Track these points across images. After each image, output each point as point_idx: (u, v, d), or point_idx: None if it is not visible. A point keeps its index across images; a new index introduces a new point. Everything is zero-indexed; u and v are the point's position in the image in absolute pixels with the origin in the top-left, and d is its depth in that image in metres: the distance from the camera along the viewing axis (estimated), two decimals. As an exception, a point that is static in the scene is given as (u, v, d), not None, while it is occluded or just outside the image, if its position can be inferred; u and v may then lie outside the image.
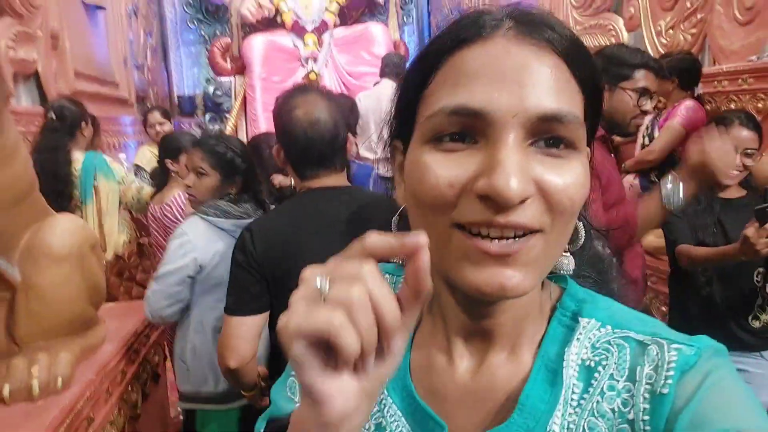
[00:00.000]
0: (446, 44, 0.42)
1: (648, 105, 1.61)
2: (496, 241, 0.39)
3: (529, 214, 0.39)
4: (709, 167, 1.34)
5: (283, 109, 1.28)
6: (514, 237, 0.39)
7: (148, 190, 2.53)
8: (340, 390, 0.33)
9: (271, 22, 5.69)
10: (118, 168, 2.51)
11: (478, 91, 0.39)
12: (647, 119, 2.55)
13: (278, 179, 1.98)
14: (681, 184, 1.41)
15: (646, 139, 2.63)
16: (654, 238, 2.15)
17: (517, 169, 0.38)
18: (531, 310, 0.47)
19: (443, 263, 0.42)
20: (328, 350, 0.32)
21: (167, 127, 3.33)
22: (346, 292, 0.31)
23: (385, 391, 0.49)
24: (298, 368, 0.33)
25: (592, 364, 0.44)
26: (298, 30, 5.61)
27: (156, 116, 3.34)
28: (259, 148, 2.03)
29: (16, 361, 1.17)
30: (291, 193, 1.73)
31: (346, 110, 1.66)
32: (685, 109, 2.50)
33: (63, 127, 2.35)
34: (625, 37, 3.37)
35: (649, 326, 0.45)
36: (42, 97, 3.04)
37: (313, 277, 0.33)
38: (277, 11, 5.64)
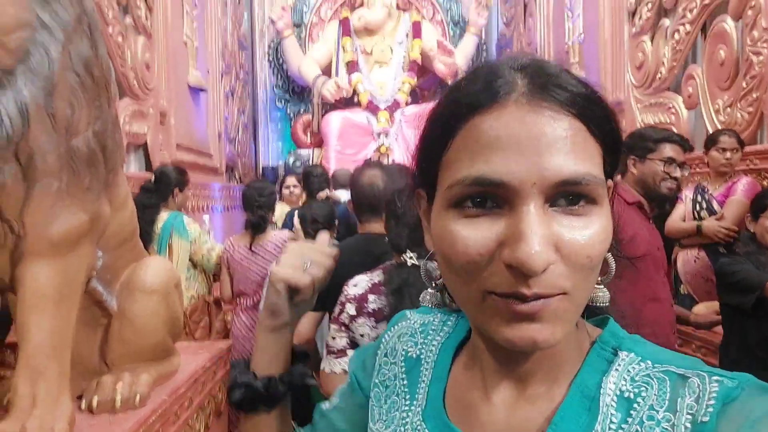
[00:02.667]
0: (462, 109, 0.43)
1: (677, 172, 1.87)
2: (525, 304, 0.41)
3: (551, 281, 0.40)
4: None
5: (354, 176, 1.96)
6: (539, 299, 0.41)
7: (218, 251, 2.84)
8: (288, 311, 0.61)
9: (348, 102, 6.22)
10: (194, 228, 2.81)
11: (496, 162, 0.40)
12: (689, 192, 2.64)
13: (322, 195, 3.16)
14: None
15: (704, 212, 2.65)
16: (703, 308, 2.14)
17: (539, 239, 0.39)
18: (567, 347, 0.48)
19: (478, 319, 0.45)
20: (292, 291, 0.60)
21: (298, 190, 4.12)
22: (317, 270, 0.61)
23: (423, 423, 0.52)
24: (275, 294, 0.60)
25: (632, 395, 0.44)
26: (373, 108, 6.09)
27: (292, 180, 4.20)
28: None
29: (104, 378, 1.38)
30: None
31: (397, 178, 1.99)
32: (746, 184, 2.56)
33: (157, 190, 2.73)
34: (684, 115, 3.43)
35: (689, 362, 0.45)
36: (147, 164, 3.52)
37: (298, 253, 0.62)
38: (355, 92, 6.17)
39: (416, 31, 6.39)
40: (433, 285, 0.54)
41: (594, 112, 0.43)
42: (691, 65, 3.45)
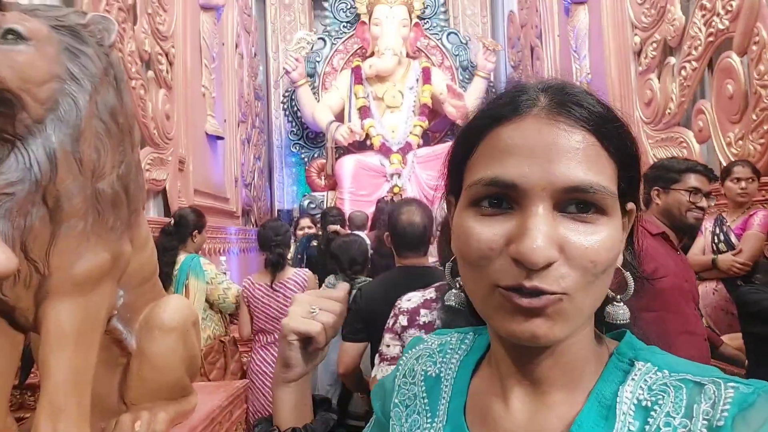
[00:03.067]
0: (486, 121, 0.47)
1: (703, 202, 1.85)
2: (527, 298, 0.43)
3: (552, 278, 0.42)
4: None
5: (394, 212, 2.03)
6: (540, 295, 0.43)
7: (234, 291, 2.87)
8: (302, 362, 0.62)
9: (361, 145, 6.35)
10: (210, 269, 2.85)
11: (510, 166, 0.44)
12: (709, 224, 2.62)
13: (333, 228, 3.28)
14: None
15: (722, 245, 2.62)
16: (731, 344, 2.10)
17: (542, 236, 0.42)
18: (584, 357, 0.49)
19: (486, 311, 0.47)
20: (305, 341, 0.61)
21: (312, 231, 4.28)
22: (327, 317, 0.61)
23: None
24: (287, 346, 0.61)
25: (649, 404, 0.45)
26: (385, 151, 6.20)
27: (306, 221, 4.34)
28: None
29: (123, 417, 1.39)
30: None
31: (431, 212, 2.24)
32: (763, 218, 2.54)
33: (177, 232, 2.79)
34: (696, 149, 3.45)
35: (706, 371, 0.46)
36: (166, 210, 3.61)
37: (305, 302, 0.62)
38: (367, 136, 6.30)
39: (426, 76, 6.57)
40: (457, 285, 0.56)
41: (609, 130, 0.45)
42: (699, 100, 3.49)
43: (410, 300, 1.64)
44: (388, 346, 1.64)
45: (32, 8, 1.24)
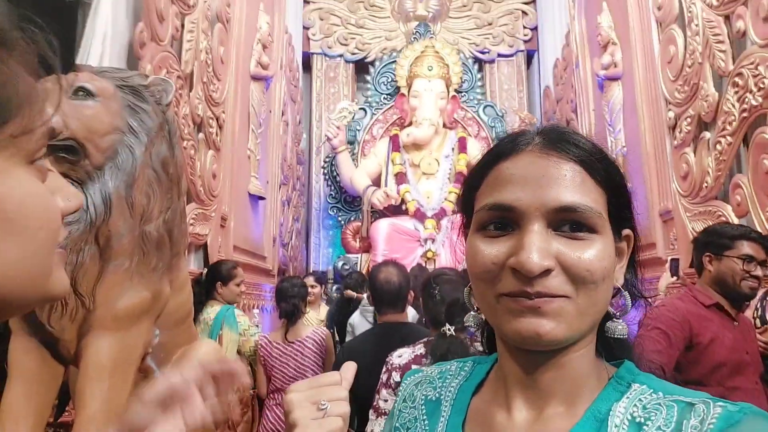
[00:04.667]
0: (491, 158, 0.56)
1: (758, 270, 1.77)
2: (530, 300, 0.48)
3: (553, 284, 0.48)
4: None
5: (373, 273, 2.25)
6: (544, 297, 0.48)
7: None
8: None
9: (396, 210, 6.46)
10: (244, 321, 2.91)
11: (508, 192, 0.51)
12: (756, 298, 2.50)
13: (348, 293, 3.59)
14: None
15: (758, 321, 2.51)
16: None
17: (536, 247, 0.48)
18: (586, 374, 0.53)
19: (494, 317, 0.52)
20: None
21: (317, 290, 4.29)
22: (341, 409, 0.53)
23: None
24: None
25: (642, 420, 0.48)
26: (420, 216, 6.29)
27: (310, 280, 4.30)
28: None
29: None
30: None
31: (410, 277, 2.44)
32: None
33: (205, 282, 2.89)
34: (735, 222, 3.38)
35: (699, 395, 0.49)
36: (206, 264, 3.74)
37: (306, 399, 0.53)
38: (403, 201, 6.43)
39: (462, 146, 6.74)
40: (475, 309, 0.60)
41: (596, 163, 0.52)
42: (736, 174, 3.47)
43: (401, 356, 1.72)
44: (386, 401, 1.69)
45: (102, 70, 1.40)
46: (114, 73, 1.38)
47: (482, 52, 7.89)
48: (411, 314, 3.07)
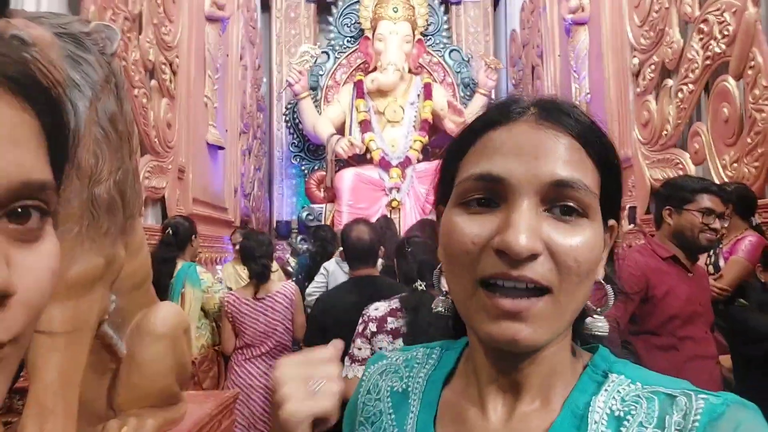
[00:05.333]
0: (480, 126, 0.50)
1: (716, 223, 1.80)
2: (510, 299, 0.43)
3: (538, 271, 0.43)
4: None
5: (345, 232, 2.38)
6: (526, 288, 0.44)
7: None
8: None
9: (361, 159, 6.38)
10: (207, 278, 2.87)
11: (498, 162, 0.46)
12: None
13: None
14: None
15: (710, 267, 2.62)
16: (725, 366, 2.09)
17: (526, 227, 0.43)
18: (561, 367, 0.50)
19: (467, 312, 0.48)
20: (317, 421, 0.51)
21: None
22: (333, 386, 0.51)
23: None
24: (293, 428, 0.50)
25: (621, 414, 0.46)
26: (385, 165, 6.24)
27: (237, 236, 3.89)
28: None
29: (110, 423, 1.39)
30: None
31: (380, 233, 2.63)
32: (749, 244, 2.53)
33: (175, 242, 2.81)
34: (692, 170, 3.47)
35: (678, 384, 0.47)
36: (164, 217, 3.62)
37: (296, 377, 0.50)
38: (367, 149, 6.34)
39: (427, 92, 6.62)
40: (444, 293, 0.55)
41: (594, 140, 0.48)
42: (696, 122, 3.52)
43: (377, 309, 1.83)
44: (360, 349, 1.81)
45: (38, 15, 1.26)
46: (52, 19, 1.24)
47: (448, -7, 7.65)
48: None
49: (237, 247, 3.76)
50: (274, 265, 3.54)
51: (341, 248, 2.62)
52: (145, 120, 3.32)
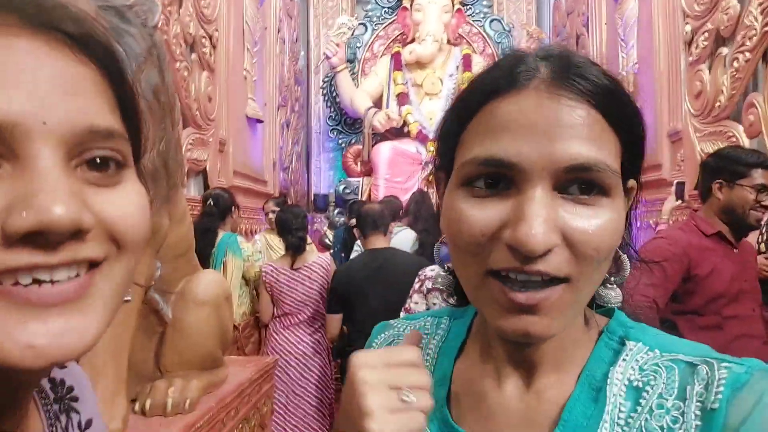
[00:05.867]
0: (482, 93, 0.44)
1: None
2: (523, 292, 0.40)
3: (554, 264, 0.40)
4: None
5: (358, 208, 2.78)
6: (542, 280, 0.40)
7: None
8: None
9: (398, 132, 6.34)
10: (247, 247, 2.95)
11: (507, 143, 0.41)
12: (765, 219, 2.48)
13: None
14: None
15: (763, 245, 2.51)
16: None
17: (541, 221, 0.39)
18: (576, 336, 0.48)
19: (477, 302, 0.45)
20: None
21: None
22: (425, 402, 0.43)
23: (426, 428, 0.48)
24: None
25: (640, 384, 0.44)
26: (422, 138, 6.18)
27: (270, 206, 3.86)
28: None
29: (158, 383, 1.46)
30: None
31: (393, 207, 3.07)
32: None
33: (217, 213, 2.88)
34: (746, 143, 3.30)
35: (698, 350, 0.45)
36: (206, 189, 3.71)
37: (384, 383, 0.42)
38: (405, 123, 6.29)
39: (467, 63, 6.48)
40: (445, 268, 0.53)
41: (615, 106, 0.42)
42: (752, 93, 3.34)
43: (433, 269, 2.02)
44: (417, 303, 1.98)
45: (82, -12, 1.29)
46: (94, -9, 1.27)
47: (489, -40, 7.40)
48: (412, 236, 3.12)
49: (269, 216, 3.78)
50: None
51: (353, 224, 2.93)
52: (187, 93, 3.38)
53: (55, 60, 0.32)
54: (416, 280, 2.04)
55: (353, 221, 4.01)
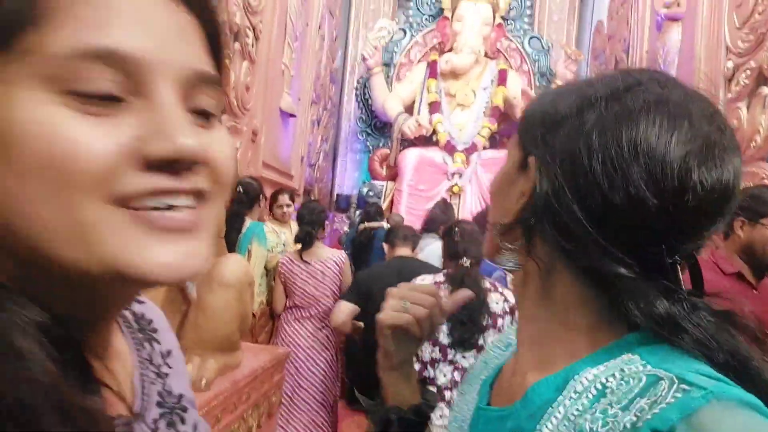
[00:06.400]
0: None
1: None
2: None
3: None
4: None
5: (391, 217, 2.81)
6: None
7: None
8: (399, 351, 0.65)
9: (427, 140, 6.36)
10: (272, 238, 2.99)
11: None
12: None
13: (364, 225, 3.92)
14: None
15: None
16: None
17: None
18: (558, 333, 0.50)
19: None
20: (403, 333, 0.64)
21: (291, 209, 3.50)
22: (418, 309, 0.63)
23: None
24: (383, 339, 0.64)
25: (608, 390, 0.43)
26: (450, 149, 6.19)
27: (285, 198, 3.51)
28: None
29: (177, 360, 1.51)
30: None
31: (434, 210, 3.14)
32: None
33: (246, 200, 2.93)
34: (779, 186, 3.26)
35: (688, 366, 0.40)
36: (235, 177, 3.77)
37: (396, 296, 0.64)
38: (434, 131, 6.31)
39: (502, 78, 6.49)
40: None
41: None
42: (789, 136, 3.29)
43: (423, 280, 1.99)
44: None
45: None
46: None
47: (535, -22, 7.41)
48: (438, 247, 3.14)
49: (284, 209, 3.82)
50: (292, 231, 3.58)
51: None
52: (226, 81, 3.45)
53: (166, 6, 0.34)
54: None
55: (366, 223, 4.07)
